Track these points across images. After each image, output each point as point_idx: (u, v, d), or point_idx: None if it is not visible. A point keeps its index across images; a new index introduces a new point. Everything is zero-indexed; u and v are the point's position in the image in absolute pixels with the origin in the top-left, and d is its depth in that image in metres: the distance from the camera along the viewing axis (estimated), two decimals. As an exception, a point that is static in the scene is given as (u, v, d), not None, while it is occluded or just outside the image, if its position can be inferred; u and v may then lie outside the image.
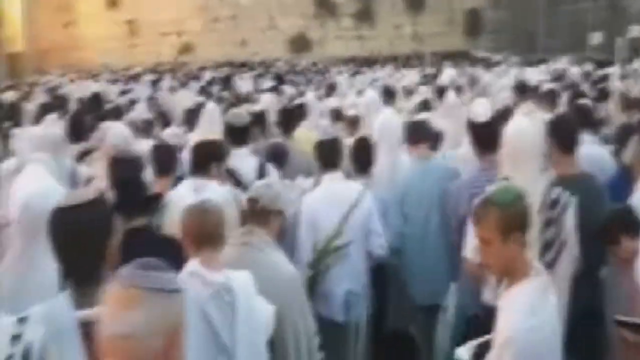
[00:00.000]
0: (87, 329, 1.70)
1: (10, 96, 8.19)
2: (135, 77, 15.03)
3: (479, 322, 2.82)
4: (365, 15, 25.84)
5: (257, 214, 2.69)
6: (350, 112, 6.14)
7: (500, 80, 10.05)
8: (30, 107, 7.39)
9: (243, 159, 4.02)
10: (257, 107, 5.91)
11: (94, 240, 1.83)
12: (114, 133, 4.25)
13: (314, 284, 3.12)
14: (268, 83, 11.72)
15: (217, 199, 2.70)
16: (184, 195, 3.14)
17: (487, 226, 2.03)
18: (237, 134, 4.16)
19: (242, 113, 4.54)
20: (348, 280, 3.44)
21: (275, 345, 2.38)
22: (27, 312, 1.73)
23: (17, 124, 6.01)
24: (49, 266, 1.95)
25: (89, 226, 1.82)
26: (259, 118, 5.13)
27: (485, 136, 3.40)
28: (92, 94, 8.47)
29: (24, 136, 4.58)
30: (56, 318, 1.75)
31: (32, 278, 1.92)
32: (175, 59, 24.18)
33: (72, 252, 1.81)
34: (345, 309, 3.41)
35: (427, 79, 11.23)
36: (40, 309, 1.76)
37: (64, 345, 1.72)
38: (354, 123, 5.77)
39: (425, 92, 7.82)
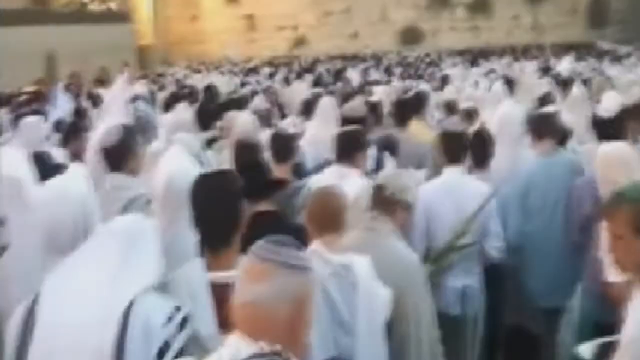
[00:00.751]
0: (218, 291, 1.86)
1: (143, 86, 8.84)
2: (253, 70, 15.61)
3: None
4: (480, 5, 25.07)
5: (383, 202, 2.75)
6: (466, 105, 6.05)
7: (628, 75, 9.43)
8: (161, 96, 7.94)
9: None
10: (372, 98, 5.97)
11: (229, 207, 2.03)
12: (241, 121, 4.50)
13: (434, 279, 3.13)
14: (378, 75, 11.74)
15: (356, 187, 2.79)
16: (326, 182, 3.26)
17: (618, 222, 1.99)
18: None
19: (358, 106, 4.63)
20: (464, 275, 3.42)
21: (394, 331, 2.44)
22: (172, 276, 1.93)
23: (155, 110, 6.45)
24: (190, 238, 2.14)
25: (225, 193, 2.04)
26: (373, 109, 5.20)
27: (612, 132, 3.25)
28: (206, 86, 8.90)
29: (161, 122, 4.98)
30: (191, 280, 1.93)
31: (176, 250, 2.13)
32: (289, 52, 24.78)
33: (209, 217, 2.01)
34: (462, 302, 3.40)
35: (548, 71, 10.76)
36: (178, 272, 1.96)
37: (197, 305, 1.88)
38: (469, 115, 5.69)
39: (546, 85, 7.53)
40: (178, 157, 2.56)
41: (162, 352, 1.73)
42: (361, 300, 2.28)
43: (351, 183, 3.04)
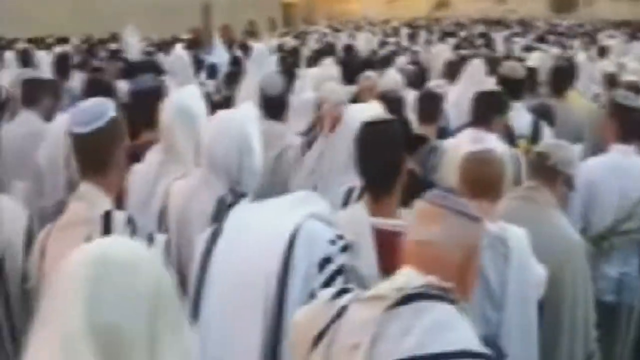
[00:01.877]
0: (380, 236, 1.94)
1: (289, 42, 9.06)
2: (393, 32, 15.40)
3: None
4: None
5: (544, 171, 2.57)
6: (629, 78, 5.55)
7: None
8: (306, 51, 8.07)
9: (518, 114, 3.87)
10: (527, 64, 5.64)
11: (394, 154, 2.07)
12: (387, 78, 4.43)
13: (595, 262, 2.93)
14: (524, 42, 11.09)
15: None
16: (460, 145, 3.15)
17: None
18: (513, 87, 4.01)
19: (517, 66, 4.37)
20: (622, 262, 3.17)
21: (548, 311, 2.31)
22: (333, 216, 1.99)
23: (297, 65, 6.58)
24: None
25: (391, 140, 2.09)
26: (529, 74, 4.90)
27: None
28: (346, 44, 8.90)
29: (305, 75, 5.06)
30: (355, 222, 1.99)
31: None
32: (430, 14, 24.11)
33: (375, 163, 2.05)
34: (618, 290, 3.17)
35: None
36: (341, 214, 2.04)
37: (360, 246, 1.94)
38: (633, 90, 5.20)
39: None
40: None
41: (322, 264, 1.79)
42: (512, 275, 2.16)
43: (490, 145, 2.88)
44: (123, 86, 4.66)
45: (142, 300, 1.04)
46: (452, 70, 5.89)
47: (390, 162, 2.06)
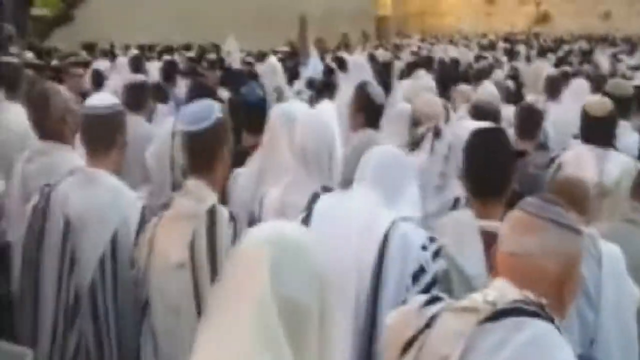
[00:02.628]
0: (487, 238, 1.91)
1: (382, 54, 9.14)
2: (490, 45, 15.10)
3: None
4: None
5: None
6: None
7: None
8: (399, 64, 8.10)
9: (625, 133, 3.72)
10: (635, 82, 5.39)
11: (505, 160, 2.11)
12: (483, 90, 4.38)
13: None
14: (633, 61, 10.54)
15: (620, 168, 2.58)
16: (581, 160, 3.10)
17: None
18: (620, 106, 3.84)
19: (625, 83, 4.20)
20: None
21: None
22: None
23: (390, 77, 6.61)
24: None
25: (502, 146, 2.13)
26: (637, 93, 4.67)
27: None
28: (451, 58, 8.86)
29: (398, 87, 5.10)
30: (460, 223, 2.01)
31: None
32: (529, 28, 23.41)
33: (485, 168, 2.08)
34: None
35: None
36: (447, 216, 2.10)
37: (465, 246, 1.94)
38: None
39: None
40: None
41: (416, 276, 1.81)
42: (606, 278, 2.09)
43: (614, 163, 2.79)
44: (222, 94, 4.87)
45: (315, 279, 1.11)
46: (553, 87, 5.72)
47: (500, 168, 2.10)
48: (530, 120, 3.87)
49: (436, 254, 1.88)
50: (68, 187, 2.31)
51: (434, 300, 1.45)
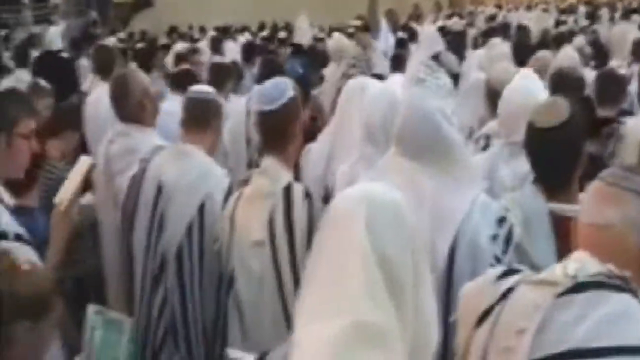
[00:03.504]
0: (555, 220, 1.87)
1: (455, 23, 8.92)
2: (570, 9, 14.39)
3: None
4: None
5: None
6: None
7: None
8: (473, 32, 7.88)
9: None
10: None
11: (567, 160, 1.98)
12: (562, 55, 4.21)
13: None
14: None
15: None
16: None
17: None
18: None
19: None
20: None
21: None
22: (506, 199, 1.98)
23: (463, 46, 6.47)
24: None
25: (565, 144, 1.97)
26: None
27: None
28: (525, 25, 8.53)
29: (471, 56, 4.98)
30: (527, 204, 1.94)
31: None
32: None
33: (548, 168, 1.98)
34: None
35: None
36: (513, 195, 1.99)
37: (532, 231, 1.89)
38: None
39: None
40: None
41: (494, 237, 1.80)
42: None
43: None
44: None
45: (408, 239, 1.10)
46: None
47: (567, 165, 1.98)
48: (611, 87, 3.68)
49: (507, 241, 1.81)
50: (163, 159, 2.49)
51: (510, 272, 1.42)
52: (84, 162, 2.21)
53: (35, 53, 6.34)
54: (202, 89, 2.72)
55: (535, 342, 1.24)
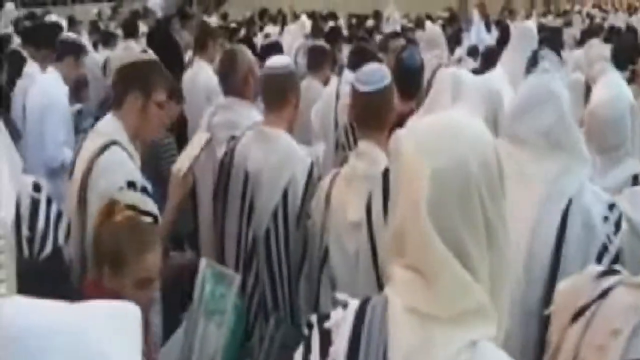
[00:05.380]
0: None
1: (550, 21, 8.66)
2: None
3: None
4: None
5: None
6: None
7: None
8: (573, 31, 7.62)
9: None
10: None
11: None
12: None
13: None
14: None
15: None
16: None
17: None
18: None
19: None
20: None
21: None
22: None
23: (560, 45, 6.29)
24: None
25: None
26: None
27: None
28: (629, 26, 8.17)
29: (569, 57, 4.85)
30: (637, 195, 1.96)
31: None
32: None
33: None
34: None
35: None
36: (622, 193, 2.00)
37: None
38: None
39: None
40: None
41: (600, 257, 1.76)
42: None
43: None
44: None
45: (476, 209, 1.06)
46: None
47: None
48: None
49: (617, 225, 1.81)
50: (248, 144, 2.56)
51: (609, 272, 1.41)
52: (202, 135, 2.36)
53: (143, 26, 6.66)
54: (276, 63, 2.65)
55: (630, 344, 1.25)
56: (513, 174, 1.79)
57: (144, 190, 2.07)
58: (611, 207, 1.84)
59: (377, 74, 2.28)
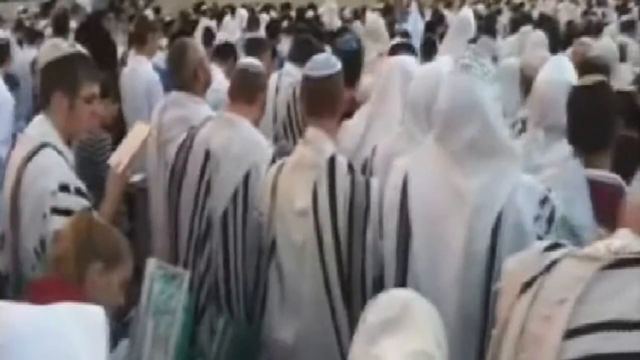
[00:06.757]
0: (594, 187, 1.97)
1: (480, 10, 8.88)
2: (599, 2, 14.20)
3: None
4: None
5: None
6: None
7: None
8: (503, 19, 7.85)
9: None
10: None
11: (604, 116, 2.12)
12: (596, 45, 4.21)
13: None
14: None
15: None
16: None
17: None
18: None
19: None
20: None
21: None
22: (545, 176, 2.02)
23: (493, 33, 6.45)
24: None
25: (603, 101, 2.13)
26: None
27: None
28: (542, 14, 8.48)
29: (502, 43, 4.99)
30: (567, 174, 2.03)
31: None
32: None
33: (587, 125, 2.11)
34: None
35: None
36: (553, 171, 2.06)
37: (573, 196, 1.96)
38: None
39: None
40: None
41: (537, 217, 1.82)
42: None
43: None
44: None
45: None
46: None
47: (604, 122, 2.12)
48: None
49: (550, 221, 1.83)
50: (211, 127, 2.57)
51: (555, 246, 1.45)
52: (141, 128, 2.27)
53: (73, 22, 6.39)
54: (252, 62, 2.78)
55: (575, 312, 1.28)
56: (447, 191, 1.83)
57: (78, 191, 2.00)
58: (543, 202, 1.84)
59: (328, 61, 2.31)
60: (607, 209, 1.74)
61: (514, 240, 1.78)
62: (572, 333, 1.28)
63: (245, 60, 2.82)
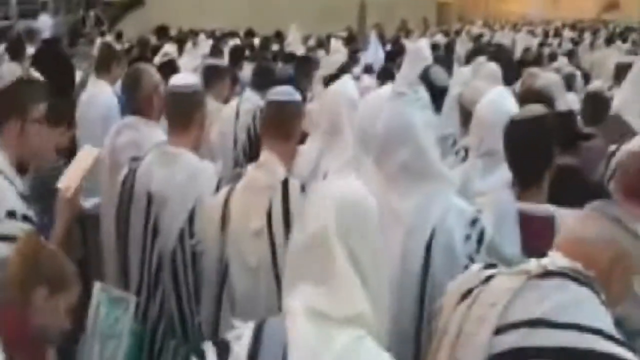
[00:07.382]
0: (526, 219, 2.04)
1: (439, 40, 9.11)
2: (555, 33, 14.76)
3: None
4: None
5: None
6: None
7: None
8: (460, 50, 8.07)
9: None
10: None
11: (539, 151, 2.14)
12: (543, 76, 4.37)
13: None
14: None
15: None
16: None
17: None
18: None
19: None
20: None
21: None
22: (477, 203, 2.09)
23: (449, 63, 6.64)
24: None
25: (541, 133, 2.14)
26: None
27: None
28: (502, 45, 8.74)
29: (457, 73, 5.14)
30: (499, 203, 2.09)
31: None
32: (598, 16, 22.58)
33: (522, 160, 2.14)
34: None
35: None
36: (486, 198, 2.14)
37: (503, 227, 2.03)
38: None
39: None
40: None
41: (468, 236, 1.92)
42: None
43: None
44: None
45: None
46: (621, 74, 5.62)
47: (539, 157, 2.14)
48: (596, 107, 3.89)
49: (480, 241, 1.92)
50: (151, 165, 2.48)
51: (491, 266, 1.62)
52: (90, 151, 2.27)
53: (31, 48, 6.35)
54: (181, 81, 2.59)
55: (503, 313, 1.46)
56: (385, 211, 1.91)
57: (25, 218, 1.99)
58: (473, 222, 1.93)
59: (289, 91, 2.39)
60: (536, 240, 1.83)
61: (445, 259, 1.89)
62: (500, 330, 1.44)
63: (175, 79, 2.63)
